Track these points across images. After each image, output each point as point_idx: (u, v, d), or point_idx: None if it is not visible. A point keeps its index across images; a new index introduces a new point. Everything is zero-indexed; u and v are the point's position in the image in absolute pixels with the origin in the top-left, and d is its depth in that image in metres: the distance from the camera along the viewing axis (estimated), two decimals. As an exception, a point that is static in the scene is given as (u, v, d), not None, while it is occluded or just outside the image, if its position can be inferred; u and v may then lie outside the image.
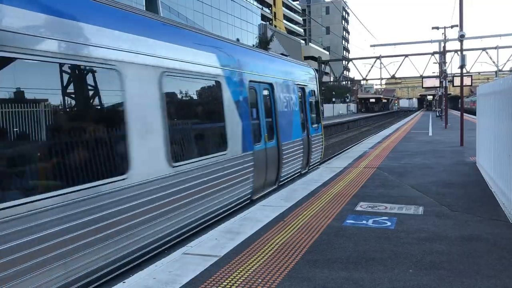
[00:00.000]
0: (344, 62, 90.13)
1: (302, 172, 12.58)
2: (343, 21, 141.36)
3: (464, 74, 20.07)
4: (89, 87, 5.10)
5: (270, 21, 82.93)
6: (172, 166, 6.21)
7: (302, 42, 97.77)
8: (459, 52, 19.54)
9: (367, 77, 65.05)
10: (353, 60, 67.49)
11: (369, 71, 62.48)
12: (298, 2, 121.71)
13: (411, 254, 5.38)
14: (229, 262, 5.21)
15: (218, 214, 7.61)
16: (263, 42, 56.67)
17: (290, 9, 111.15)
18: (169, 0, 41.25)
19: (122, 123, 5.38)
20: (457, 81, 27.08)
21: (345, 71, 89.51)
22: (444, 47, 41.37)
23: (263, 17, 77.55)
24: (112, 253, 5.03)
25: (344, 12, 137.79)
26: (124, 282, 4.67)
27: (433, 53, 55.73)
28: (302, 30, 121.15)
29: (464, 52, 19.64)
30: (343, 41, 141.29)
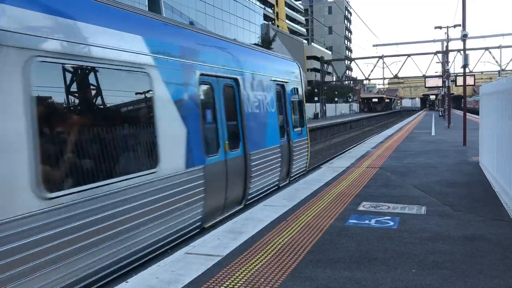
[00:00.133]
0: (346, 61, 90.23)
1: (281, 185, 10.74)
2: (346, 21, 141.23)
3: (467, 74, 20.05)
4: None
5: (273, 21, 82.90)
6: (44, 197, 4.22)
7: (305, 42, 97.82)
8: (462, 52, 19.50)
9: (370, 77, 65.12)
10: (355, 60, 67.52)
11: (372, 70, 62.58)
12: (300, 2, 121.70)
13: (413, 254, 5.38)
14: (232, 261, 5.22)
15: (138, 258, 5.54)
16: (266, 42, 56.77)
17: (293, 9, 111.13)
18: (172, 0, 41.30)
19: None
20: (460, 81, 26.99)
21: (347, 71, 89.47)
22: (447, 46, 41.28)
23: (266, 17, 77.58)
24: None
25: (346, 12, 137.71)
26: (127, 282, 4.68)
27: (436, 53, 55.70)
28: (305, 30, 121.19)
29: (467, 52, 19.60)
30: (346, 41, 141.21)
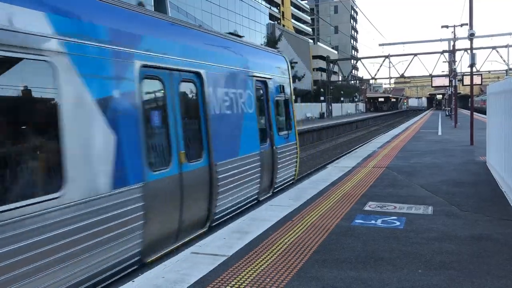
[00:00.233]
0: (352, 61, 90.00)
1: (262, 198, 9.27)
2: (352, 20, 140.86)
3: (474, 73, 19.93)
4: None
5: (278, 21, 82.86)
6: None
7: (311, 42, 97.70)
8: (469, 51, 19.38)
9: (376, 76, 64.93)
10: (361, 59, 67.36)
11: (378, 70, 62.40)
12: (306, 1, 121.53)
13: (420, 254, 5.35)
14: (238, 261, 5.22)
15: None
16: (271, 42, 56.75)
17: (299, 8, 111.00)
18: (177, 0, 41.39)
19: None
20: (467, 80, 26.83)
21: (353, 70, 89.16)
22: (454, 45, 41.11)
23: (271, 17, 77.56)
24: None
25: (352, 11, 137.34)
26: (133, 281, 4.70)
27: (443, 52, 55.43)
28: (311, 30, 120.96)
29: (474, 51, 19.49)
30: (352, 40, 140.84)
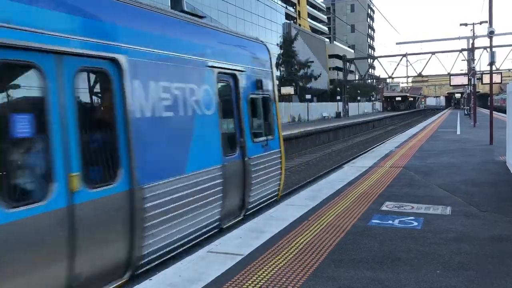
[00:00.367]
0: (369, 60, 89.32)
1: (225, 225, 7.23)
2: (368, 19, 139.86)
3: (493, 71, 19.61)
4: None
5: (294, 20, 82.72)
6: None
7: (327, 41, 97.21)
8: (488, 49, 19.09)
9: (393, 75, 64.36)
10: (378, 58, 66.96)
11: (395, 69, 61.98)
12: (322, 0, 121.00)
13: (438, 254, 5.29)
14: (254, 260, 5.22)
15: None
16: (287, 41, 56.67)
17: (315, 7, 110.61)
18: (194, 0, 41.60)
19: None
20: (486, 79, 26.46)
21: (370, 69, 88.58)
22: (473, 44, 40.47)
23: (287, 16, 77.44)
24: None
25: (369, 10, 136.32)
26: (150, 280, 4.74)
27: (461, 50, 54.68)
28: (327, 29, 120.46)
29: (494, 49, 19.21)
30: (368, 39, 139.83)
